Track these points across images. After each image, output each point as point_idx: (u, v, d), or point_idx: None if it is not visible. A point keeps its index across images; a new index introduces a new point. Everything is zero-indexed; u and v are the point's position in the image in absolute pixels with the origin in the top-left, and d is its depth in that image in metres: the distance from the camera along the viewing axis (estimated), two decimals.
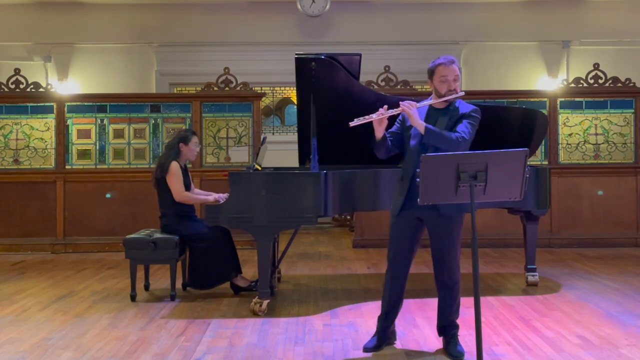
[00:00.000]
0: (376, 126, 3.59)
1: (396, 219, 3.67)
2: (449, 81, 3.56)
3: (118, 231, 7.28)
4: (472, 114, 3.58)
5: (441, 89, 3.58)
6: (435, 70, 3.60)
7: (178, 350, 3.79)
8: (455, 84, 3.58)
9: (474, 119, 3.57)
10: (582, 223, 7.60)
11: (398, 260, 3.71)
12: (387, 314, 3.77)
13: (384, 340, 3.78)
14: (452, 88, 3.56)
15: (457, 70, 3.59)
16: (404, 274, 3.73)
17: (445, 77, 3.56)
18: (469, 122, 3.54)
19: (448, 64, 3.57)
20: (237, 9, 9.39)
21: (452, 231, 3.58)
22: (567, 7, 9.37)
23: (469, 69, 9.56)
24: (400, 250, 3.69)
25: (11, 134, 7.58)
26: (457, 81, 3.59)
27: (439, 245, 3.60)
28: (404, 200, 3.60)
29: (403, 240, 3.68)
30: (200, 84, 8.24)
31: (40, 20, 9.31)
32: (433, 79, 3.63)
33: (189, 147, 5.20)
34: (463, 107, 3.62)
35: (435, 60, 3.64)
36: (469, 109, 3.60)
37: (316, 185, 4.45)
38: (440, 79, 3.57)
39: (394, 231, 3.70)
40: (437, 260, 3.64)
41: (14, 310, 4.73)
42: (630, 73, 8.05)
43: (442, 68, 3.57)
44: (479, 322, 3.02)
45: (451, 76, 3.56)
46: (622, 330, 4.10)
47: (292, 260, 6.87)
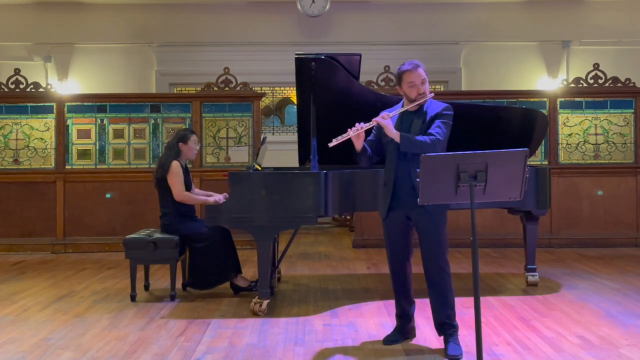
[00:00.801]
0: (354, 140, 3.70)
1: (386, 222, 3.80)
2: (416, 85, 3.67)
3: (118, 231, 7.28)
4: (444, 112, 3.68)
5: (411, 94, 3.69)
6: (401, 77, 3.71)
7: (178, 350, 3.79)
8: (424, 87, 3.68)
9: (446, 117, 3.68)
10: (582, 223, 7.60)
11: (396, 261, 3.82)
12: (402, 313, 3.91)
13: (402, 336, 3.90)
14: (421, 92, 3.67)
15: (422, 74, 3.69)
16: (405, 273, 3.83)
17: (412, 82, 3.67)
18: (441, 121, 3.65)
19: (413, 69, 3.67)
20: (237, 9, 9.40)
21: (436, 226, 3.66)
22: (567, 7, 9.37)
23: (469, 69, 9.57)
24: (396, 250, 3.81)
25: (11, 134, 7.58)
26: (425, 84, 3.69)
27: (425, 241, 3.69)
28: (390, 202, 3.72)
29: (397, 240, 3.80)
30: (200, 84, 8.24)
31: (40, 20, 9.31)
32: (401, 85, 3.72)
33: (189, 146, 5.20)
34: (435, 107, 3.72)
35: (401, 66, 3.73)
36: (440, 108, 3.71)
37: (316, 185, 4.45)
38: (408, 85, 3.68)
39: (387, 234, 3.83)
40: (425, 256, 3.71)
41: (14, 310, 4.73)
42: (630, 73, 8.05)
43: (407, 74, 3.68)
44: (479, 322, 3.02)
45: (418, 80, 3.66)
46: (622, 330, 4.10)
47: (292, 260, 6.88)
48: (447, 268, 3.69)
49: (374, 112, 4.82)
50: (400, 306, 3.89)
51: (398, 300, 3.88)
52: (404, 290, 3.85)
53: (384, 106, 4.77)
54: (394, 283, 3.86)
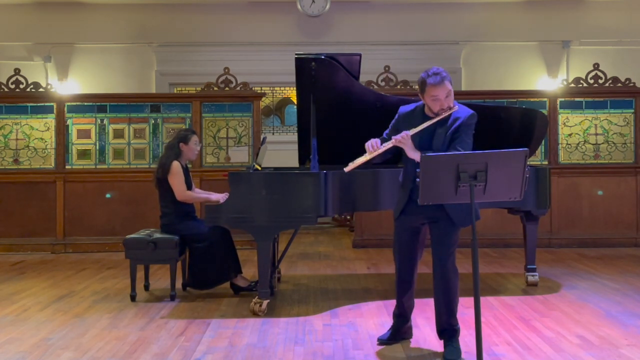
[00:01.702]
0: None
1: (398, 222, 3.74)
2: (440, 100, 3.48)
3: (118, 231, 7.28)
4: (469, 122, 3.53)
5: (434, 107, 3.51)
6: (425, 89, 3.50)
7: (178, 350, 3.79)
8: (448, 100, 3.49)
9: (470, 127, 3.53)
10: (582, 223, 7.60)
11: (404, 263, 3.79)
12: (400, 314, 3.89)
13: (398, 336, 3.89)
14: (444, 106, 3.49)
15: (448, 86, 3.47)
16: (411, 275, 3.80)
17: (436, 96, 3.47)
18: (466, 133, 3.50)
19: (439, 83, 3.44)
20: (237, 9, 9.39)
21: (454, 234, 3.61)
22: (567, 7, 9.37)
23: (469, 69, 9.56)
24: (405, 252, 3.77)
25: (11, 134, 7.58)
26: (450, 96, 3.50)
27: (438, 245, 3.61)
28: (405, 206, 3.64)
29: (406, 242, 3.74)
30: (200, 84, 8.24)
31: (40, 20, 9.30)
32: (424, 96, 3.53)
33: (189, 146, 5.20)
34: (460, 114, 3.55)
35: (425, 75, 3.50)
36: (465, 115, 3.54)
37: (316, 185, 4.45)
38: (432, 98, 3.49)
39: (397, 234, 3.77)
40: (434, 260, 3.66)
41: (14, 310, 4.73)
42: (630, 73, 8.05)
43: (432, 88, 3.45)
44: (479, 322, 3.02)
45: (442, 95, 3.47)
46: (622, 330, 4.10)
47: (292, 260, 6.87)
48: (455, 275, 3.64)
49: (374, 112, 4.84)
50: (400, 306, 3.87)
51: (399, 300, 3.86)
52: (407, 292, 3.82)
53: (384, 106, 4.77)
54: (398, 283, 3.83)
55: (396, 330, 3.90)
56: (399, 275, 3.82)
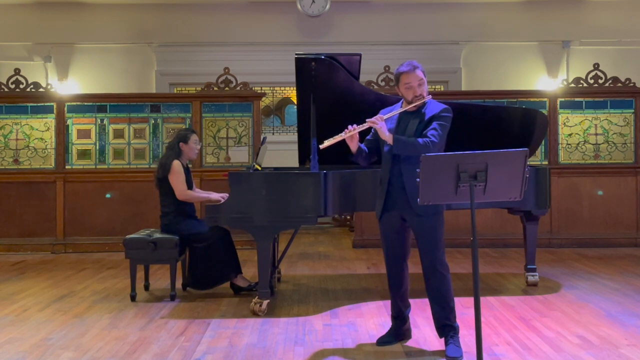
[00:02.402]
0: (349, 142, 3.66)
1: (381, 222, 3.76)
2: (413, 87, 3.62)
3: (118, 231, 7.27)
4: (442, 114, 3.62)
5: (407, 95, 3.65)
6: (399, 78, 3.66)
7: (178, 350, 3.79)
8: (421, 89, 3.63)
9: (444, 119, 3.62)
10: (582, 223, 7.60)
11: (392, 262, 3.80)
12: (397, 315, 3.88)
13: (397, 337, 3.89)
14: (417, 94, 3.62)
15: (420, 75, 3.62)
16: (402, 274, 3.81)
17: (409, 83, 3.62)
18: (438, 123, 3.59)
19: (410, 71, 3.62)
20: (237, 9, 9.40)
21: (432, 228, 3.62)
22: (567, 7, 9.37)
23: (469, 69, 9.56)
24: (392, 251, 3.78)
25: (11, 134, 7.58)
26: (423, 85, 3.64)
27: (422, 243, 3.65)
28: (384, 202, 3.69)
29: (392, 241, 3.76)
30: (200, 84, 8.24)
31: (40, 20, 9.30)
32: (399, 86, 3.68)
33: (189, 145, 5.21)
34: (433, 108, 3.67)
35: (399, 67, 3.69)
36: (438, 109, 3.65)
37: (316, 185, 4.45)
38: (405, 86, 3.63)
39: (383, 234, 3.79)
40: (422, 259, 3.68)
41: (14, 310, 4.73)
42: (630, 73, 8.06)
43: (404, 76, 3.63)
44: (479, 322, 3.02)
45: (415, 82, 3.61)
46: (622, 330, 4.10)
47: (292, 260, 6.87)
48: (445, 270, 3.65)
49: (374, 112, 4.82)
50: (396, 307, 3.86)
51: (394, 301, 3.85)
52: (400, 292, 3.82)
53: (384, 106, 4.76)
54: (390, 283, 3.83)
55: (395, 332, 3.89)
56: (391, 275, 3.82)
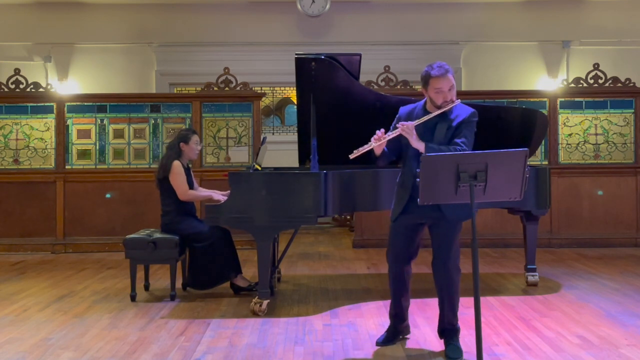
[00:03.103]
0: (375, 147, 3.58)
1: (395, 223, 3.70)
2: (444, 92, 3.50)
3: (118, 231, 7.27)
4: (471, 120, 3.55)
5: (437, 100, 3.53)
6: (429, 81, 3.52)
7: (178, 350, 3.79)
8: (451, 93, 3.51)
9: (472, 124, 3.55)
10: (582, 223, 7.60)
11: (398, 263, 3.76)
12: (396, 313, 3.87)
13: (396, 335, 3.88)
14: (448, 99, 3.51)
15: (452, 80, 3.50)
16: (403, 275, 3.78)
17: (440, 88, 3.49)
18: (468, 130, 3.52)
19: (442, 75, 3.47)
20: (237, 9, 9.39)
21: (454, 232, 3.60)
22: (567, 7, 9.37)
23: (469, 69, 9.56)
24: (401, 253, 3.74)
25: (11, 134, 7.58)
26: (453, 89, 3.52)
27: (440, 247, 3.61)
28: (405, 205, 3.61)
29: (402, 243, 3.72)
30: (200, 84, 8.24)
31: (40, 20, 9.30)
32: (427, 89, 3.55)
33: (190, 146, 5.21)
34: (461, 112, 3.58)
35: (429, 68, 3.53)
36: (467, 114, 3.56)
37: (316, 185, 4.45)
38: (435, 91, 3.51)
39: (394, 236, 3.73)
40: (437, 261, 3.64)
41: (14, 310, 4.73)
42: (630, 73, 8.06)
43: (436, 80, 3.48)
44: (479, 322, 3.02)
45: (446, 87, 3.49)
46: (622, 330, 4.10)
47: (292, 260, 6.87)
48: (458, 276, 3.64)
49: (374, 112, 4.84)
50: (397, 306, 3.84)
51: (396, 300, 3.83)
52: (403, 291, 3.81)
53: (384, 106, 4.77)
54: (394, 284, 3.80)
55: (394, 329, 3.89)
56: (396, 277, 3.77)
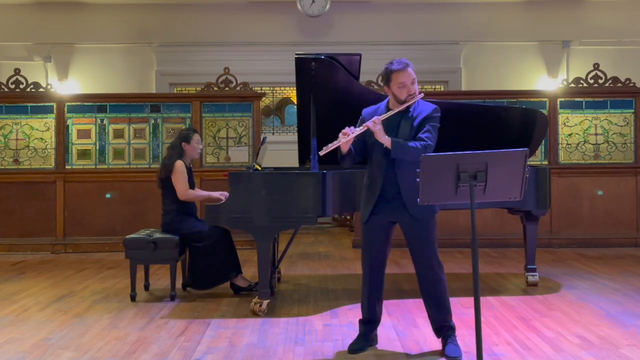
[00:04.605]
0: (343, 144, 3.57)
1: (367, 225, 3.67)
2: (407, 86, 3.54)
3: (118, 231, 7.27)
4: (434, 115, 3.58)
5: (401, 94, 3.56)
6: (390, 77, 3.56)
7: (178, 350, 3.79)
8: (414, 87, 3.56)
9: (435, 119, 3.59)
10: (582, 223, 7.60)
11: (374, 266, 3.70)
12: (369, 321, 3.77)
13: (367, 343, 3.76)
14: (412, 92, 3.55)
15: (413, 74, 3.55)
16: (382, 278, 3.74)
17: (403, 82, 3.53)
18: (431, 125, 3.55)
19: (403, 69, 3.53)
20: (237, 9, 9.40)
21: (426, 230, 3.58)
22: (567, 7, 9.37)
23: (469, 69, 9.56)
24: (375, 255, 3.69)
25: (11, 134, 7.59)
26: (415, 83, 3.57)
27: (416, 246, 3.62)
28: (373, 206, 3.60)
29: (376, 245, 3.68)
30: (200, 84, 8.24)
31: (40, 20, 9.30)
32: (390, 85, 3.58)
33: (192, 145, 5.21)
34: (424, 108, 3.61)
35: (388, 65, 3.59)
36: (429, 110, 3.59)
37: (316, 185, 4.45)
38: (398, 85, 3.55)
39: (367, 238, 3.69)
40: (418, 262, 3.64)
41: (14, 310, 4.73)
42: (630, 73, 8.06)
43: (397, 74, 3.53)
44: (479, 322, 3.02)
45: (408, 81, 3.53)
46: (622, 330, 4.10)
47: (292, 260, 6.87)
48: (441, 271, 3.63)
49: None
50: (371, 311, 3.74)
51: (371, 306, 3.73)
52: (378, 297, 3.74)
53: None
54: (370, 288, 3.70)
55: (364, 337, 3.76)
56: (372, 281, 3.70)
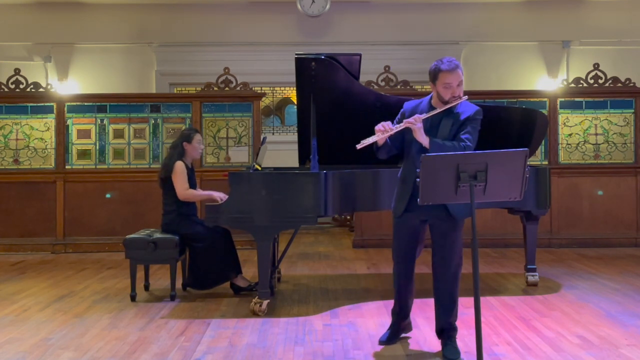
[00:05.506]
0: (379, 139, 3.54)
1: (399, 220, 3.69)
2: (453, 87, 3.47)
3: (118, 231, 7.27)
4: (476, 117, 3.54)
5: (445, 95, 3.49)
6: (438, 76, 3.48)
7: (178, 350, 3.79)
8: (459, 89, 3.49)
9: (477, 122, 3.54)
10: (582, 223, 7.60)
11: (403, 260, 3.76)
12: (400, 310, 3.87)
13: (398, 333, 3.89)
14: (456, 94, 3.49)
15: (461, 75, 3.47)
16: (410, 273, 3.79)
17: (449, 83, 3.46)
18: (472, 126, 3.51)
19: (452, 70, 3.45)
20: (237, 9, 9.39)
21: (455, 231, 3.59)
22: (567, 7, 9.37)
23: (469, 69, 9.53)
24: (405, 251, 3.74)
25: (11, 134, 7.58)
26: (461, 85, 3.50)
27: (442, 245, 3.61)
28: (408, 202, 3.59)
29: (406, 242, 3.71)
30: (200, 84, 8.24)
31: (40, 20, 9.30)
32: (436, 83, 3.51)
33: (193, 145, 5.21)
34: (466, 109, 3.56)
35: (438, 63, 3.50)
36: (472, 111, 3.55)
37: (316, 185, 4.45)
38: (444, 85, 3.47)
39: (398, 234, 3.72)
40: (437, 260, 3.64)
41: (14, 310, 4.73)
42: (630, 73, 8.06)
43: (445, 75, 3.45)
44: (479, 322, 3.02)
45: (455, 82, 3.46)
46: (622, 330, 4.10)
47: (292, 260, 6.87)
48: (460, 274, 3.64)
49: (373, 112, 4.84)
50: (401, 304, 3.85)
51: (401, 298, 3.83)
52: (409, 289, 3.81)
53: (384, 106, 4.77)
54: (399, 282, 3.79)
55: (397, 327, 3.89)
56: (401, 276, 3.78)
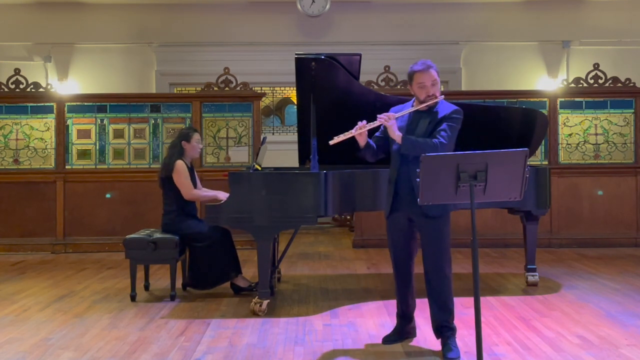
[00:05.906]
0: (357, 137, 3.69)
1: (389, 221, 3.77)
2: (426, 87, 3.62)
3: (118, 231, 7.27)
4: (453, 116, 3.62)
5: (420, 94, 3.64)
6: (412, 77, 3.66)
7: (178, 350, 3.79)
8: (434, 89, 3.63)
9: (454, 120, 3.62)
10: (582, 223, 7.60)
11: (399, 260, 3.80)
12: (403, 313, 3.88)
13: (402, 336, 3.90)
14: (430, 94, 3.62)
15: (434, 75, 3.63)
16: (409, 273, 3.81)
17: (422, 83, 3.62)
18: (448, 124, 3.59)
19: (424, 70, 3.62)
20: (237, 9, 9.39)
21: (439, 230, 3.63)
22: (567, 7, 9.37)
23: (469, 69, 9.56)
24: (399, 250, 3.78)
25: (11, 134, 7.58)
26: (436, 85, 3.64)
27: (428, 243, 3.65)
28: (392, 202, 3.69)
29: (399, 240, 3.76)
30: (200, 84, 8.24)
31: (40, 20, 9.30)
32: (412, 84, 3.68)
33: (192, 144, 5.21)
34: (444, 108, 3.66)
35: (413, 65, 3.69)
36: (449, 110, 3.64)
37: (316, 185, 4.45)
38: (418, 85, 3.63)
39: (390, 233, 3.80)
40: (428, 261, 3.67)
41: (14, 310, 4.74)
42: (630, 73, 8.06)
43: (418, 75, 3.63)
44: (479, 322, 3.02)
45: (428, 82, 3.61)
46: (622, 330, 4.10)
47: (292, 260, 6.87)
48: (450, 274, 3.67)
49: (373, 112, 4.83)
50: (402, 306, 3.86)
51: (401, 300, 3.85)
52: (408, 290, 3.83)
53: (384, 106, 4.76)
54: (397, 283, 3.83)
55: (400, 330, 3.90)
56: (399, 275, 3.81)
